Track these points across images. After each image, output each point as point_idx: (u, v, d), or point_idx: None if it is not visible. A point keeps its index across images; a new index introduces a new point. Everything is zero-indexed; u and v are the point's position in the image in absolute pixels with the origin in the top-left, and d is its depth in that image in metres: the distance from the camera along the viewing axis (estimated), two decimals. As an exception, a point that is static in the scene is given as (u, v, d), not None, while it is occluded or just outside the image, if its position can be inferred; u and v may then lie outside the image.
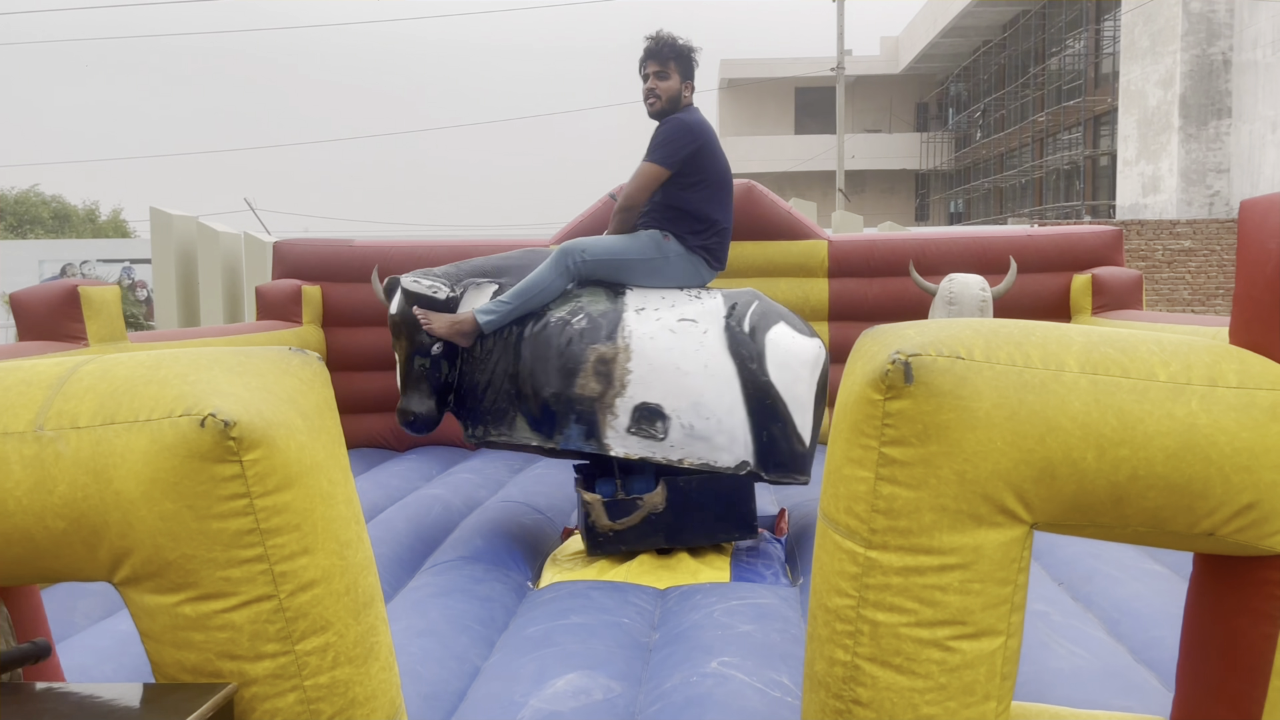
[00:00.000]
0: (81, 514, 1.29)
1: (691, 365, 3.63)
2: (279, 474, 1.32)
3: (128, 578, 1.33)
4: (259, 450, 1.30)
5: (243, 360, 1.42)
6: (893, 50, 36.47)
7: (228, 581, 1.31)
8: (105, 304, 4.21)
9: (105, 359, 1.42)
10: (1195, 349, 1.40)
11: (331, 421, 1.48)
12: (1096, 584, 3.47)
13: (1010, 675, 1.42)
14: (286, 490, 1.33)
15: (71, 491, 1.29)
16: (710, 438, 3.67)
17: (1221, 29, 19.62)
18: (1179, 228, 17.08)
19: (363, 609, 1.45)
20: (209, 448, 1.28)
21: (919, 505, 1.36)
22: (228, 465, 1.29)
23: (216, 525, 1.30)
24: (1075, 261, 6.35)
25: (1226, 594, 1.46)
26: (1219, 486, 1.35)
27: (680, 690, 2.54)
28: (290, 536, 1.34)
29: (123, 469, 1.28)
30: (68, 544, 1.32)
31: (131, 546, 1.30)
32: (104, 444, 1.30)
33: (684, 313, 3.73)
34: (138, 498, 1.28)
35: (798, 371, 3.74)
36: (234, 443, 1.28)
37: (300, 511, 1.35)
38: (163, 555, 1.30)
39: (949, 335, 1.39)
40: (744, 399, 3.68)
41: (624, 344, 3.62)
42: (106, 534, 1.30)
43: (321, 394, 1.48)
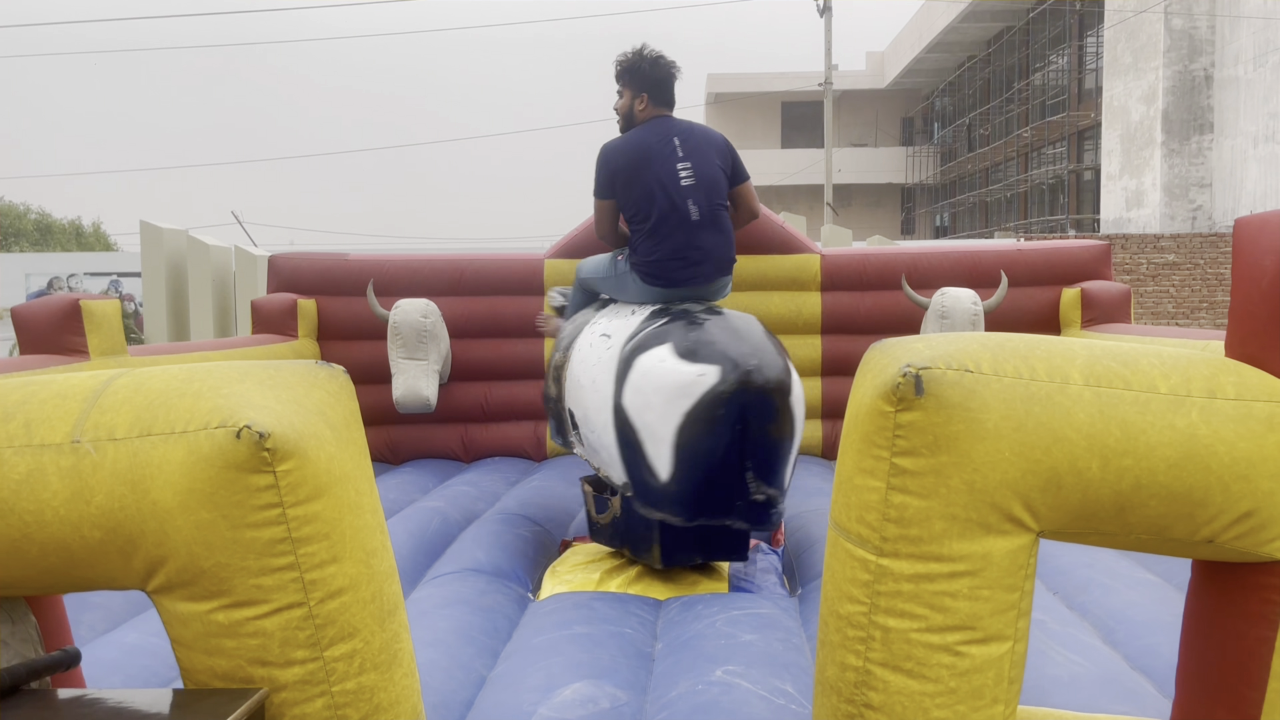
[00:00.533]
0: (118, 523, 1.32)
1: (586, 379, 3.75)
2: (310, 484, 1.35)
3: (161, 586, 1.35)
4: (292, 461, 1.33)
5: (273, 373, 1.45)
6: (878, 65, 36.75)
7: (260, 589, 1.34)
8: (106, 318, 4.23)
9: (138, 372, 1.45)
10: (1194, 362, 1.45)
11: (358, 433, 1.51)
12: (1091, 593, 3.52)
13: (1017, 679, 1.46)
14: (317, 500, 1.36)
15: (109, 502, 1.32)
16: (598, 451, 3.68)
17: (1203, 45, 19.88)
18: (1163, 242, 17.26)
19: (387, 616, 1.48)
20: (244, 458, 1.31)
21: (929, 514, 1.39)
22: (262, 475, 1.32)
23: (250, 534, 1.33)
24: (1064, 275, 6.42)
25: (1225, 599, 1.50)
26: (1218, 495, 1.39)
27: (686, 699, 2.57)
28: (320, 545, 1.37)
29: (160, 479, 1.31)
30: (103, 553, 1.34)
31: (167, 555, 1.33)
32: (141, 455, 1.33)
33: (606, 328, 3.85)
34: (174, 507, 1.31)
35: (649, 399, 3.34)
36: (268, 454, 1.31)
37: (330, 521, 1.38)
38: (197, 563, 1.33)
39: (958, 349, 1.43)
40: (612, 421, 3.49)
41: (570, 355, 4.01)
42: (142, 543, 1.33)
43: (348, 406, 1.51)
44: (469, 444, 6.32)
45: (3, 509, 1.34)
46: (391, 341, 5.91)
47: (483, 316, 6.26)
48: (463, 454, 6.31)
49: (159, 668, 2.83)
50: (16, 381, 1.46)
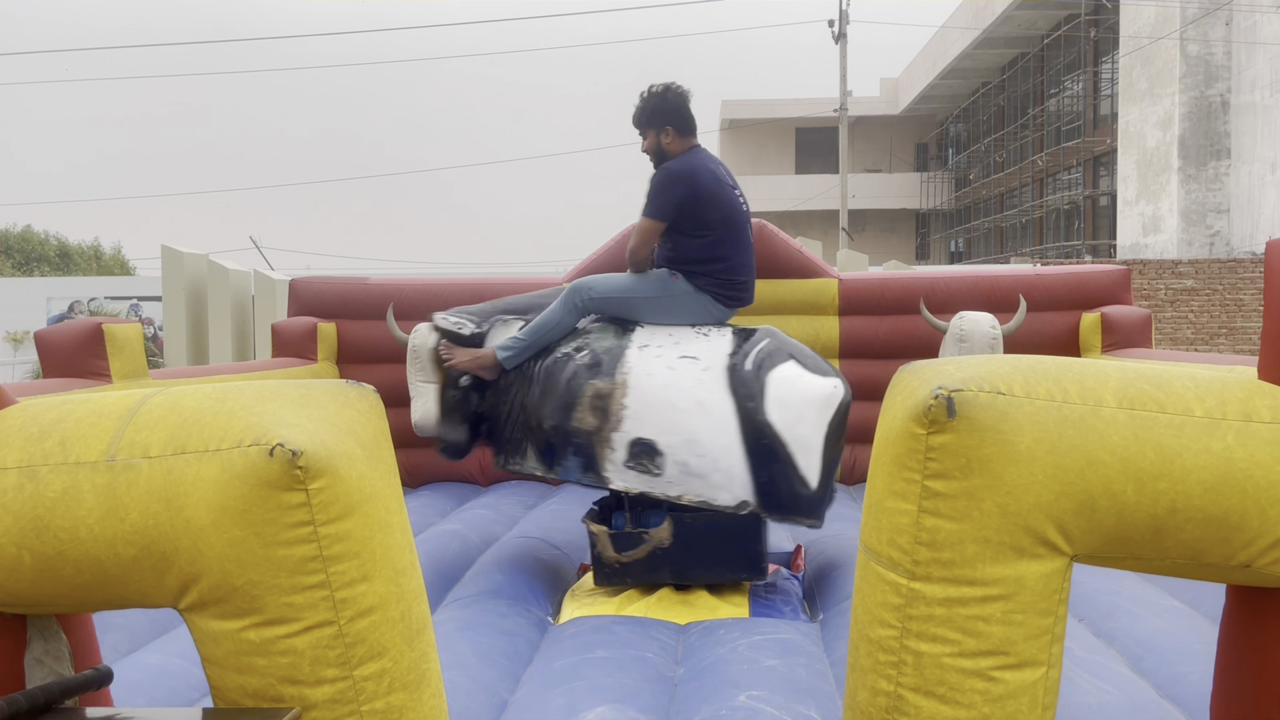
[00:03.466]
0: (152, 541, 1.33)
1: (686, 402, 3.60)
2: (341, 502, 1.36)
3: (194, 603, 1.36)
4: (324, 479, 1.34)
5: (304, 393, 1.46)
6: (892, 91, 36.85)
7: (291, 607, 1.34)
8: (128, 341, 4.27)
9: (171, 391, 1.46)
10: (1228, 384, 1.43)
11: (387, 452, 1.52)
12: (1118, 620, 3.48)
13: (1051, 706, 1.44)
14: (348, 518, 1.37)
15: (143, 519, 1.33)
16: (706, 475, 3.58)
17: (1219, 71, 19.86)
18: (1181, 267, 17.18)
19: (416, 635, 1.48)
20: (277, 476, 1.32)
21: (962, 537, 1.38)
22: (294, 494, 1.32)
23: (282, 552, 1.33)
24: (1084, 300, 6.39)
25: (1261, 625, 1.48)
26: (1255, 519, 1.38)
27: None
28: (351, 564, 1.37)
29: (194, 497, 1.32)
30: (137, 570, 1.35)
31: (200, 572, 1.33)
32: (175, 473, 1.34)
33: (687, 350, 3.74)
34: (208, 525, 1.32)
35: (801, 411, 3.55)
36: (301, 471, 1.32)
37: (360, 539, 1.38)
38: (230, 581, 1.33)
39: (989, 371, 1.42)
40: (741, 438, 3.55)
41: (621, 380, 3.67)
42: (176, 560, 1.33)
43: (378, 425, 1.52)
44: (486, 467, 6.31)
45: (38, 526, 1.35)
46: (410, 365, 5.91)
47: (501, 340, 6.28)
48: (480, 477, 6.31)
49: (183, 689, 2.82)
50: (53, 400, 1.47)
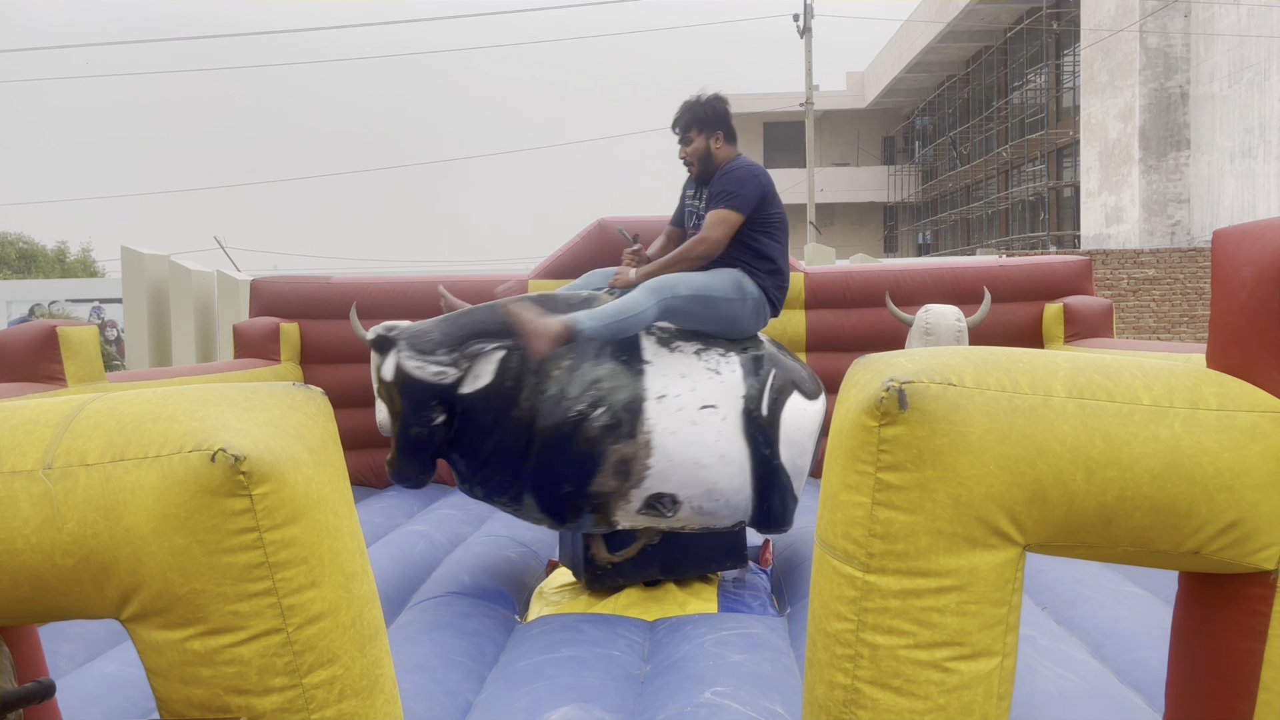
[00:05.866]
0: (91, 551, 1.29)
1: (710, 458, 3.61)
2: (287, 507, 1.33)
3: (136, 614, 1.33)
4: (268, 484, 1.31)
5: (249, 396, 1.43)
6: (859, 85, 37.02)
7: (236, 615, 1.31)
8: (84, 344, 4.18)
9: (111, 396, 1.42)
10: (1176, 373, 1.44)
11: (336, 455, 1.49)
12: (1079, 608, 3.52)
13: (1006, 695, 1.44)
14: (294, 524, 1.34)
15: (81, 529, 1.29)
16: (716, 513, 3.74)
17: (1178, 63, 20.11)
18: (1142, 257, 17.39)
19: (368, 641, 1.46)
20: (219, 482, 1.28)
21: (915, 529, 1.38)
22: (238, 499, 1.29)
23: (226, 559, 1.30)
24: (1047, 291, 6.46)
25: (1213, 612, 1.50)
26: (1203, 506, 1.38)
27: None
28: (298, 570, 1.34)
29: (133, 505, 1.29)
30: (76, 581, 1.31)
31: (141, 582, 1.30)
32: (114, 480, 1.30)
33: (705, 397, 3.64)
34: (148, 533, 1.29)
35: (804, 444, 3.81)
36: (244, 477, 1.29)
37: (308, 545, 1.35)
38: (172, 590, 1.30)
39: (940, 362, 1.42)
40: (753, 479, 3.72)
41: (645, 440, 3.50)
42: (116, 570, 1.30)
43: (326, 428, 1.49)
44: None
45: None
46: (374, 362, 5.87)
47: (467, 338, 6.24)
48: (447, 477, 6.28)
49: (139, 699, 2.78)
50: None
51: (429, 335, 3.46)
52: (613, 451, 3.46)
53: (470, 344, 3.46)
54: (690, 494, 3.62)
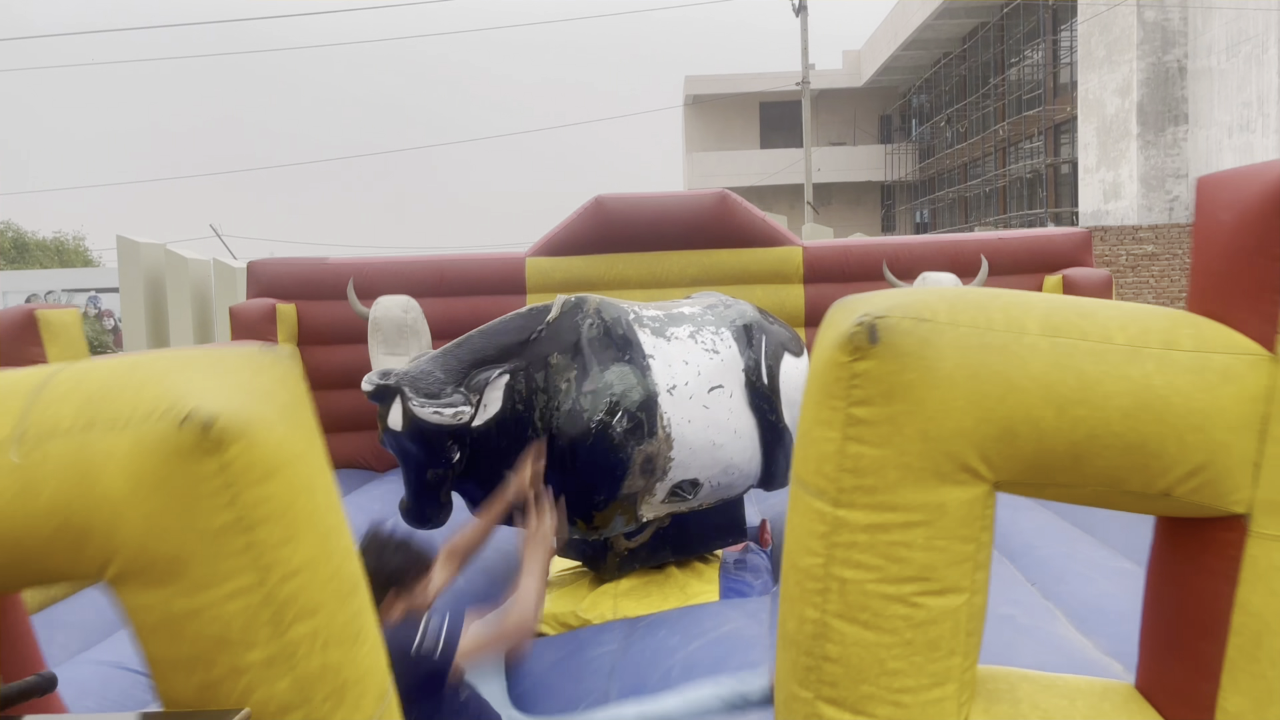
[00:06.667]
0: (68, 517, 1.31)
1: (724, 436, 3.72)
2: (260, 466, 1.34)
3: (117, 575, 1.34)
4: (239, 444, 1.32)
5: (216, 360, 1.44)
6: (855, 64, 36.84)
7: (216, 573, 1.33)
8: (65, 327, 4.10)
9: (81, 365, 1.43)
10: (1153, 314, 1.45)
11: (306, 415, 1.50)
12: (1068, 583, 3.54)
13: (975, 633, 1.46)
14: (268, 482, 1.35)
15: (57, 496, 1.30)
16: (731, 485, 3.86)
17: (1176, 37, 20.02)
18: (1141, 233, 17.37)
19: (349, 594, 1.48)
20: (190, 445, 1.29)
21: (884, 463, 1.39)
22: (210, 460, 1.30)
23: (203, 520, 1.32)
24: (1046, 263, 6.46)
25: (1185, 556, 1.51)
26: (1173, 446, 1.39)
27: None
28: (275, 526, 1.36)
29: (108, 471, 1.30)
30: (54, 547, 1.33)
31: (119, 545, 1.32)
32: (87, 447, 1.31)
33: (710, 378, 3.71)
34: (124, 497, 1.30)
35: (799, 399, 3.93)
36: (214, 439, 1.30)
37: (283, 501, 1.37)
38: (151, 551, 1.32)
39: (916, 300, 1.43)
40: (761, 444, 3.87)
41: (664, 434, 3.54)
42: (93, 535, 1.31)
43: (294, 389, 1.50)
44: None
45: None
46: (372, 337, 5.89)
47: (464, 317, 6.23)
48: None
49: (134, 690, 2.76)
50: None
51: (432, 375, 3.36)
52: (638, 453, 3.49)
53: (474, 375, 3.39)
54: (710, 474, 3.72)
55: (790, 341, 4.06)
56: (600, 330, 3.54)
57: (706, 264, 6.35)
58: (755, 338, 3.92)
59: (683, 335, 3.76)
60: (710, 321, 3.90)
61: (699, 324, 3.86)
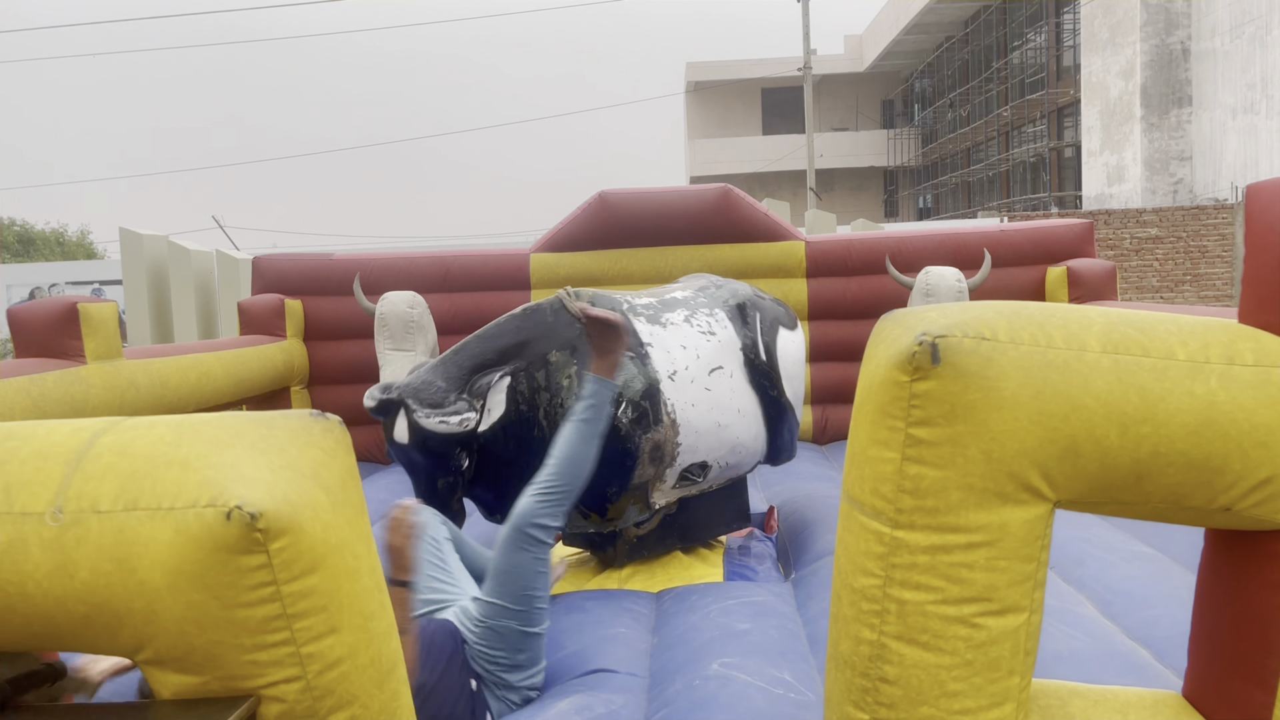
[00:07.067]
0: (104, 600, 1.27)
1: (729, 417, 3.72)
2: (305, 559, 1.31)
3: (151, 659, 1.32)
4: (286, 539, 1.29)
5: (265, 434, 1.39)
6: (857, 49, 36.73)
7: (255, 665, 1.31)
8: (103, 321, 4.16)
9: (122, 430, 1.38)
10: (1211, 328, 1.42)
11: (355, 492, 1.46)
12: (1088, 567, 3.53)
13: (1032, 651, 1.44)
14: (312, 574, 1.32)
15: (94, 578, 1.27)
16: (739, 465, 3.88)
17: (1179, 18, 19.92)
18: (1145, 216, 17.31)
19: (386, 677, 1.45)
20: (235, 540, 1.26)
21: (946, 484, 1.37)
22: (254, 556, 1.27)
23: (243, 613, 1.29)
24: (1049, 254, 6.43)
25: (1240, 567, 1.49)
26: (1237, 462, 1.37)
27: (684, 695, 2.54)
28: (317, 618, 1.33)
29: (147, 558, 1.26)
30: (89, 627, 1.30)
31: (155, 634, 1.29)
32: (127, 531, 1.27)
33: (710, 360, 3.69)
34: (162, 588, 1.27)
35: (798, 374, 4.04)
36: (260, 534, 1.27)
37: (326, 593, 1.34)
38: (188, 641, 1.29)
39: (973, 317, 1.40)
40: (765, 421, 3.89)
41: (670, 421, 3.52)
42: (129, 620, 1.29)
43: (344, 462, 1.46)
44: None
45: None
46: (379, 333, 5.88)
47: (469, 312, 6.22)
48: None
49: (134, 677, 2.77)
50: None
51: (434, 385, 3.33)
52: (646, 442, 3.47)
53: (475, 380, 3.38)
54: (718, 455, 3.73)
55: (784, 316, 4.07)
56: None
57: (709, 259, 6.33)
58: (750, 315, 3.93)
59: (678, 320, 3.74)
60: (704, 304, 3.89)
61: (693, 307, 3.84)
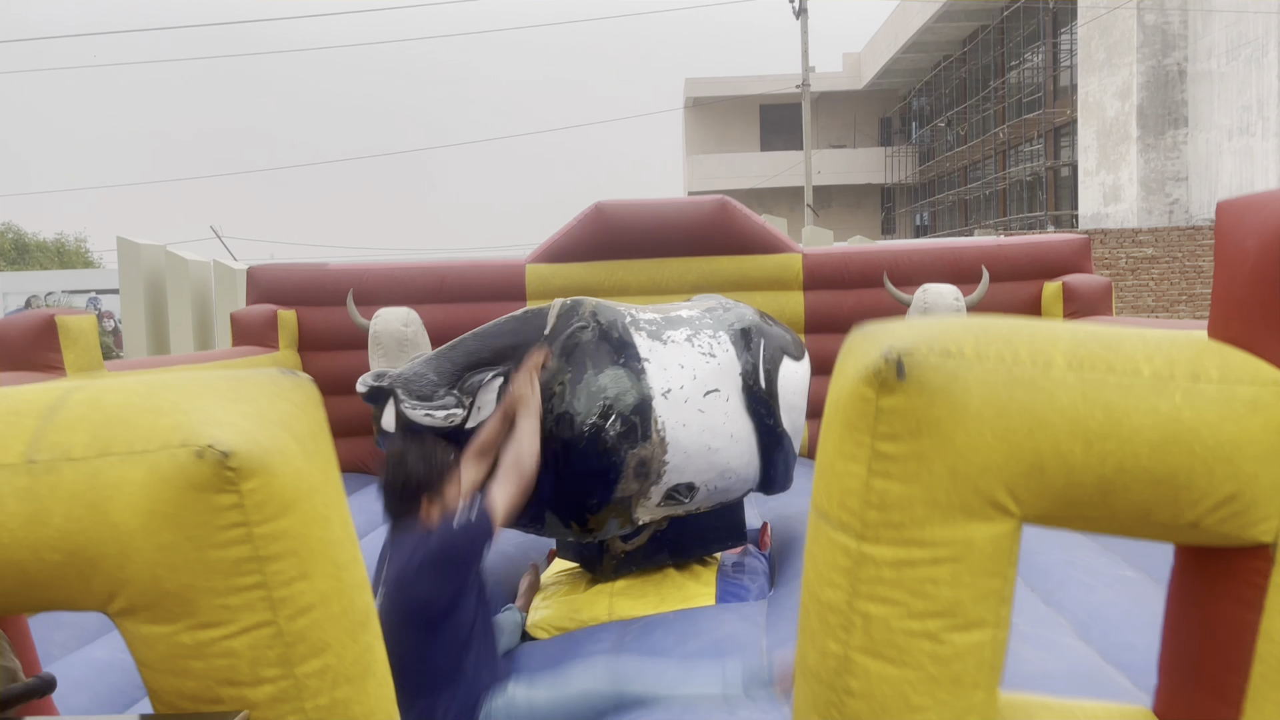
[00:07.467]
0: (78, 546, 1.28)
1: (720, 441, 3.68)
2: (276, 501, 1.31)
3: (124, 608, 1.31)
4: (257, 479, 1.29)
5: (235, 385, 1.40)
6: (855, 66, 36.86)
7: (226, 609, 1.30)
8: (82, 333, 4.17)
9: (95, 385, 1.39)
10: (1178, 344, 1.43)
11: (325, 444, 1.47)
12: (1069, 590, 3.53)
13: (998, 667, 1.45)
14: (284, 517, 1.32)
15: (67, 524, 1.27)
16: (729, 490, 3.84)
17: (1176, 40, 20.03)
18: (1141, 236, 17.36)
19: (359, 628, 1.45)
20: (207, 478, 1.26)
21: (911, 499, 1.38)
22: (226, 495, 1.27)
23: (215, 554, 1.29)
24: (1045, 270, 6.45)
25: (1209, 584, 1.49)
26: (1202, 478, 1.37)
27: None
28: (288, 562, 1.33)
29: (120, 501, 1.27)
30: (62, 576, 1.30)
31: (129, 578, 1.29)
32: (100, 476, 1.27)
33: (707, 382, 3.67)
34: (136, 530, 1.27)
35: (800, 405, 4.02)
36: (232, 472, 1.27)
37: (298, 537, 1.34)
38: (160, 586, 1.29)
39: (939, 332, 1.41)
40: (759, 449, 3.85)
41: (659, 438, 3.51)
42: (103, 566, 1.29)
43: (314, 416, 1.47)
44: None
45: None
46: (372, 351, 5.88)
47: (465, 323, 6.20)
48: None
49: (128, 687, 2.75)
50: None
51: (425, 378, 3.35)
52: (631, 456, 3.45)
53: (467, 377, 3.39)
54: (706, 478, 3.69)
55: (790, 345, 4.04)
56: (595, 333, 3.51)
57: (706, 271, 6.34)
58: (754, 341, 3.89)
59: (679, 339, 3.73)
60: (708, 325, 3.87)
61: (696, 328, 3.83)
